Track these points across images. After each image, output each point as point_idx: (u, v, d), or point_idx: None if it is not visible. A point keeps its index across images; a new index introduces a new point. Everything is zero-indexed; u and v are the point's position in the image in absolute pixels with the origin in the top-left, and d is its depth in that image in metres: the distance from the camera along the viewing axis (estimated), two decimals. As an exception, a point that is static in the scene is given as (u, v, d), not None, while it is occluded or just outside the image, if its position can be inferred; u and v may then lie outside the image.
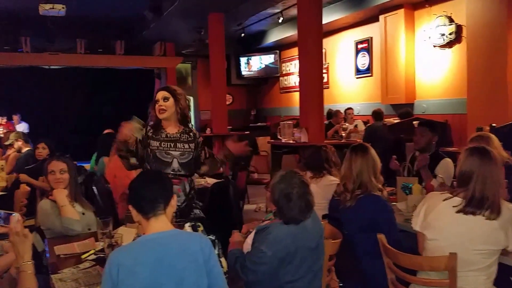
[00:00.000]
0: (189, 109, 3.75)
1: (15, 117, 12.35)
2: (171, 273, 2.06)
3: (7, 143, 7.22)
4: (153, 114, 3.63)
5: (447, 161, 4.39)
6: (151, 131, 3.57)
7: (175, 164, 3.53)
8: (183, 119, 3.65)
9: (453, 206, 2.55)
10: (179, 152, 3.56)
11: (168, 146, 3.55)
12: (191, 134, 3.66)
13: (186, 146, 3.60)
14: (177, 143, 3.58)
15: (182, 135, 3.62)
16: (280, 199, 2.73)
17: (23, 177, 5.41)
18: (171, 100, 3.55)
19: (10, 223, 2.24)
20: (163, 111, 3.55)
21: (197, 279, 2.11)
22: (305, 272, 2.72)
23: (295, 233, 2.70)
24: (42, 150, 5.66)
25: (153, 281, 2.03)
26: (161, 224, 2.18)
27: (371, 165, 3.26)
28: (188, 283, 2.08)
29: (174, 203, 2.26)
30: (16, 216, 2.26)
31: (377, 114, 8.75)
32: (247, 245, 2.85)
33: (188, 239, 2.21)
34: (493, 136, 4.03)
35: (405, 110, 8.65)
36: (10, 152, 6.96)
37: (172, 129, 3.62)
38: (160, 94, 3.58)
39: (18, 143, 6.90)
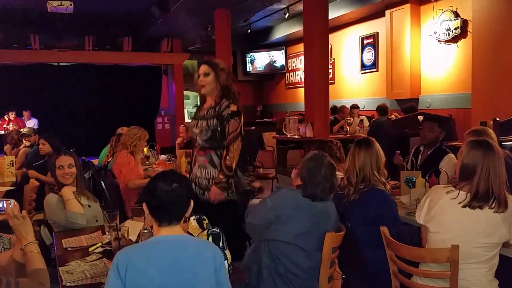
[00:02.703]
0: (233, 82, 3.75)
1: (25, 113, 12.50)
2: (183, 277, 1.97)
3: (24, 131, 7.43)
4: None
5: (451, 156, 4.40)
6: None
7: (199, 140, 3.65)
8: (225, 93, 3.66)
9: (458, 202, 2.54)
10: (198, 130, 3.64)
11: (193, 124, 3.69)
12: (217, 109, 3.62)
13: (205, 123, 3.62)
14: (199, 121, 3.67)
15: (209, 110, 3.65)
16: (307, 176, 2.89)
17: (32, 173, 5.50)
18: (212, 75, 3.61)
19: (6, 209, 2.31)
20: (203, 87, 3.66)
21: (208, 286, 2.03)
22: (301, 246, 2.85)
23: (302, 203, 2.86)
24: (42, 146, 5.79)
25: (164, 284, 1.94)
26: (173, 231, 2.08)
27: (374, 159, 3.24)
28: None
29: (190, 209, 2.15)
30: (11, 201, 2.33)
31: (381, 109, 8.77)
32: None
33: (202, 245, 2.13)
34: (490, 130, 4.03)
35: (409, 105, 8.64)
36: (22, 146, 7.08)
37: (208, 102, 3.72)
38: (202, 69, 3.66)
39: (35, 137, 7.05)
